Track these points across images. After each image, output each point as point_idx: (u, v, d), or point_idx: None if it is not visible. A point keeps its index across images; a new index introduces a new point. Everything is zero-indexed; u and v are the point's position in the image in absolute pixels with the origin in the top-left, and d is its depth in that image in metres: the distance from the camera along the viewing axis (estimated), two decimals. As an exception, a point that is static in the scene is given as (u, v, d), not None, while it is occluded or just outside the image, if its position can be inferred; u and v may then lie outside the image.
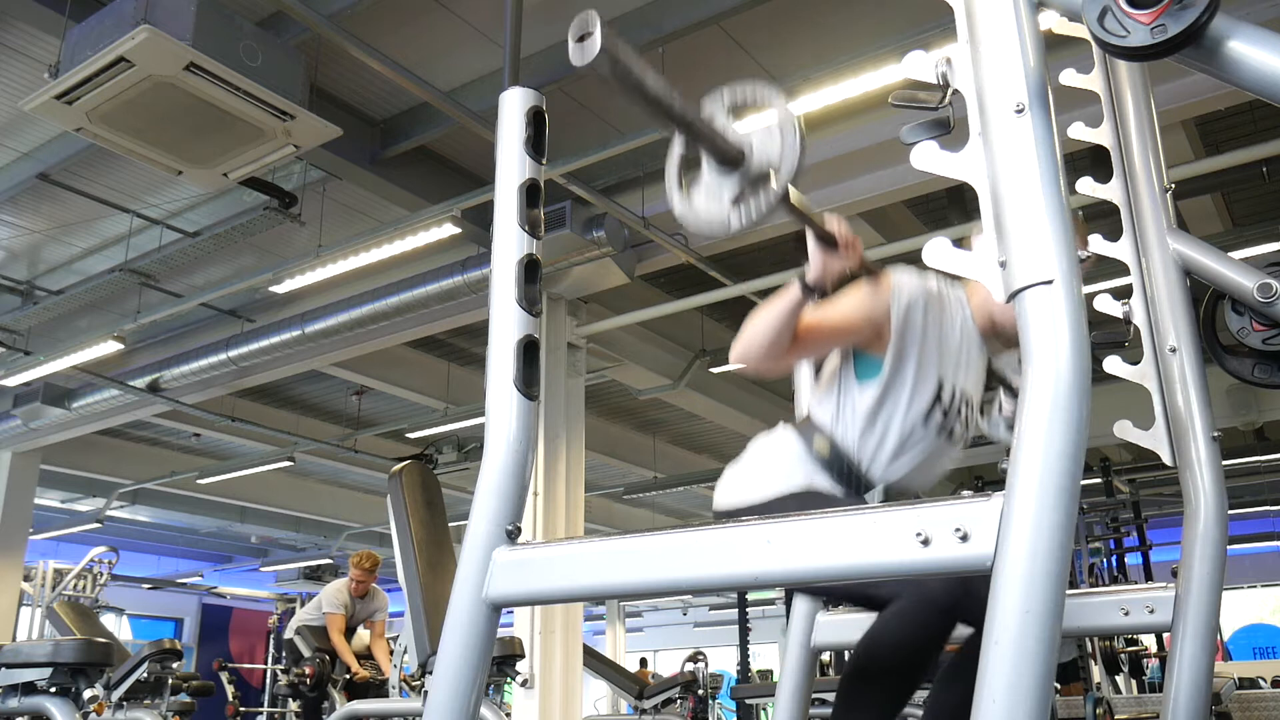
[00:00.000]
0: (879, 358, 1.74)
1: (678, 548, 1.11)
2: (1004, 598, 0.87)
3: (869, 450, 1.74)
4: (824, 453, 1.74)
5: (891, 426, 1.73)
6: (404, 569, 3.14)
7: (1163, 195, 1.88)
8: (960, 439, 1.83)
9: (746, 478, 1.80)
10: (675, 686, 6.33)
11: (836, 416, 1.76)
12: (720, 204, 1.37)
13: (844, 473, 1.73)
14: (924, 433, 1.75)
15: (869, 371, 1.76)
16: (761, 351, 1.70)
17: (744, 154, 1.37)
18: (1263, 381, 1.75)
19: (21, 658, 3.70)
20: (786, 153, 1.34)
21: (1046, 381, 0.91)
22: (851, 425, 1.75)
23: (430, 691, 1.24)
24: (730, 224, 1.36)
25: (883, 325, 1.73)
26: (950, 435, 1.80)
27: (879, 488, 1.74)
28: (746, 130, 1.39)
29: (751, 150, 1.37)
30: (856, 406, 1.75)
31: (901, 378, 1.73)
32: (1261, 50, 0.93)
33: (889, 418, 1.73)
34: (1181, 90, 4.81)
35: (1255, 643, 15.65)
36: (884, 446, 1.73)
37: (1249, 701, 5.21)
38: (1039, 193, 0.97)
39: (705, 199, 1.39)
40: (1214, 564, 1.70)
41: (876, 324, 1.73)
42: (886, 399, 1.73)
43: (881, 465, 1.74)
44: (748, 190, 1.37)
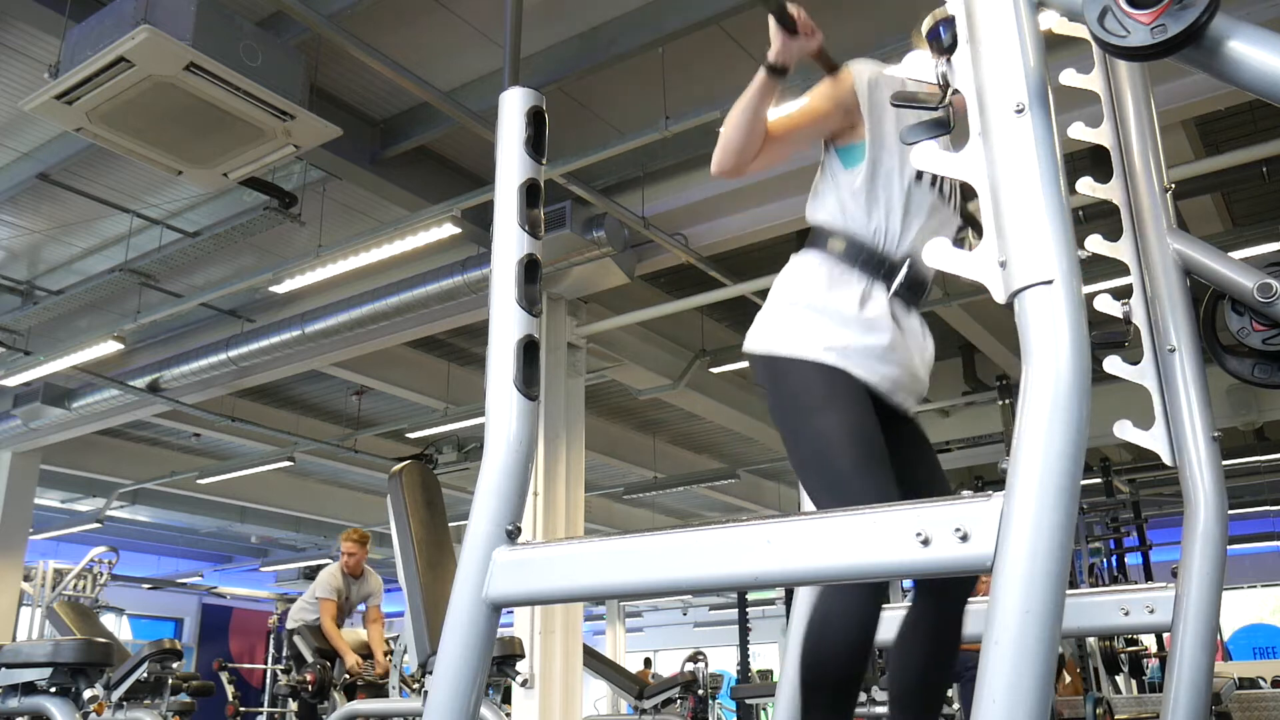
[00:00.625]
0: (858, 143, 1.78)
1: (678, 548, 1.11)
2: (1004, 598, 0.87)
3: (880, 223, 1.76)
4: (840, 248, 1.76)
5: (892, 194, 1.77)
6: (404, 569, 3.14)
7: (1163, 195, 1.88)
8: (951, 197, 1.87)
9: (776, 313, 1.79)
10: (675, 686, 6.32)
11: (838, 208, 1.79)
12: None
13: (866, 259, 1.75)
14: (921, 193, 1.78)
15: (854, 157, 1.79)
16: (739, 146, 1.75)
17: None
18: (1263, 381, 1.75)
19: (21, 658, 3.70)
20: None
21: (1046, 381, 0.91)
22: (854, 207, 1.77)
23: (430, 691, 1.24)
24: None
25: (852, 109, 1.78)
26: (942, 194, 1.83)
27: (903, 270, 1.75)
28: None
29: None
30: (853, 189, 1.78)
31: (884, 148, 1.77)
32: (1261, 50, 0.93)
33: (887, 186, 1.77)
34: (1181, 90, 4.81)
35: (1255, 643, 15.65)
36: (892, 215, 1.76)
37: (1249, 701, 5.21)
38: (1039, 193, 0.98)
39: None
40: (1214, 564, 1.70)
41: (844, 107, 1.78)
42: (877, 171, 1.77)
43: (895, 235, 1.76)
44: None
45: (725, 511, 14.33)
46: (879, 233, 1.76)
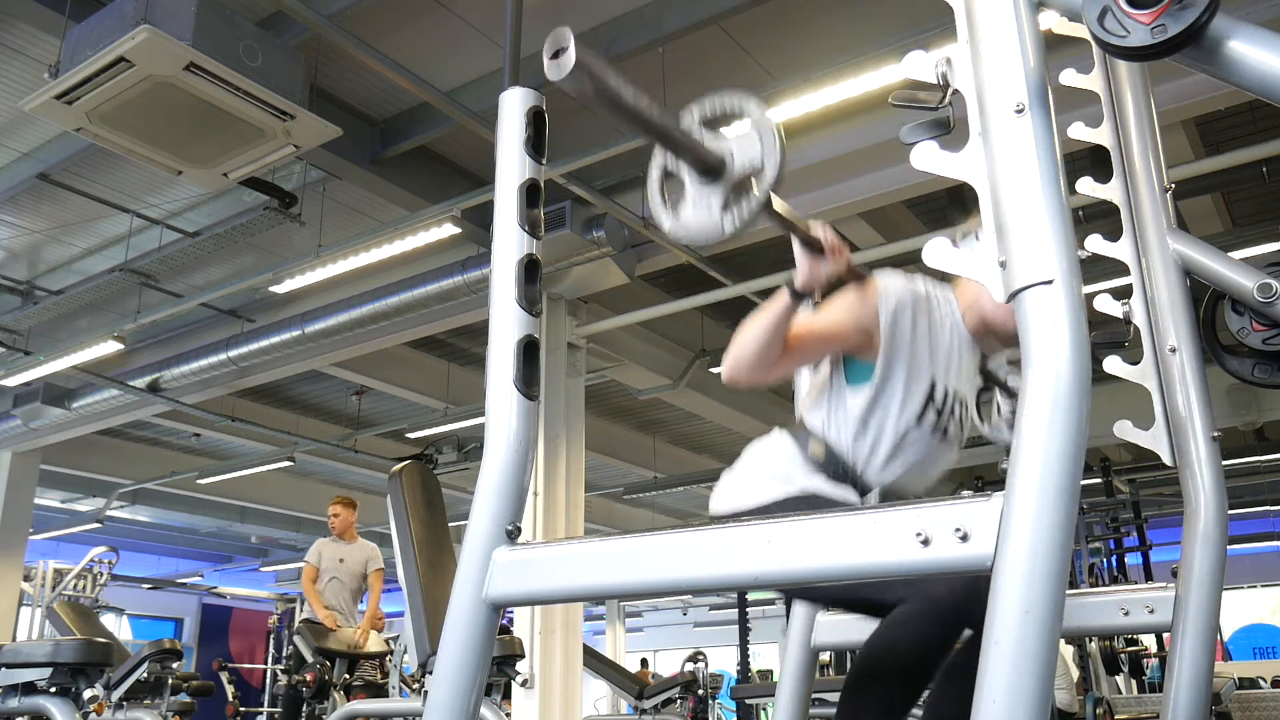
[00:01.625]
0: (869, 362, 1.74)
1: (678, 548, 1.11)
2: (1004, 598, 0.87)
3: (863, 453, 1.73)
4: (819, 456, 1.74)
5: (885, 429, 1.73)
6: (404, 569, 3.13)
7: (1163, 195, 1.88)
8: (955, 440, 1.83)
9: (744, 483, 1.79)
10: (675, 686, 6.32)
11: (829, 421, 1.76)
12: (709, 212, 1.36)
13: (840, 476, 1.73)
14: (918, 434, 1.74)
15: (860, 376, 1.75)
16: (752, 363, 1.70)
17: (725, 162, 1.37)
18: (1263, 381, 1.75)
19: (21, 658, 3.70)
20: (767, 158, 1.33)
21: (1046, 381, 0.91)
22: (845, 429, 1.74)
23: (430, 691, 1.24)
24: (724, 229, 1.35)
25: (871, 330, 1.72)
26: (945, 436, 1.79)
27: (875, 491, 1.74)
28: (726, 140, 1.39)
29: (732, 158, 1.36)
30: (849, 411, 1.74)
31: (892, 380, 1.73)
32: (1261, 50, 0.93)
33: (882, 421, 1.73)
34: (1181, 90, 4.81)
35: (1255, 643, 15.65)
36: (878, 450, 1.73)
37: (1249, 701, 5.21)
38: (1039, 193, 0.98)
39: (693, 210, 1.38)
40: (1214, 564, 1.70)
41: (865, 329, 1.73)
42: (878, 402, 1.73)
43: (876, 468, 1.73)
44: (731, 199, 1.36)
45: (725, 511, 14.31)
46: (861, 461, 1.73)
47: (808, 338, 1.73)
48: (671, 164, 1.42)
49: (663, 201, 1.42)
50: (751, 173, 1.35)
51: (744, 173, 1.36)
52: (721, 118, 1.41)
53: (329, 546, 6.27)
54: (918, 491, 1.80)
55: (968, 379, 1.86)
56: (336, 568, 6.20)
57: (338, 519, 6.35)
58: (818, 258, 1.69)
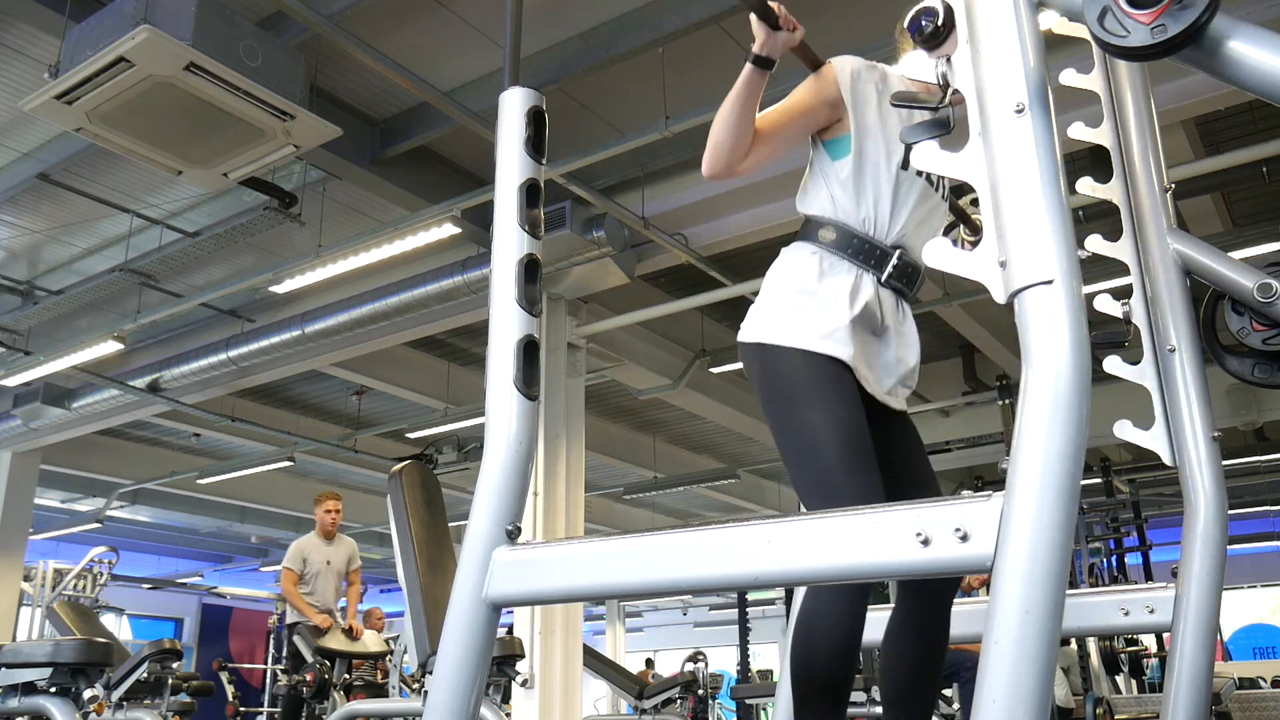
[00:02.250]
0: (845, 135, 1.79)
1: (678, 548, 1.11)
2: (1004, 598, 0.87)
3: (869, 212, 1.77)
4: (830, 238, 1.77)
5: (880, 182, 1.77)
6: (404, 569, 3.13)
7: (1163, 195, 1.88)
8: (939, 185, 1.87)
9: (768, 303, 1.80)
10: (675, 686, 6.32)
11: (829, 199, 1.80)
12: None
13: (857, 247, 1.75)
14: (908, 179, 1.79)
15: (840, 149, 1.80)
16: (729, 146, 1.75)
17: None
18: (1263, 381, 1.75)
19: (21, 658, 3.70)
20: None
21: (1046, 381, 0.91)
22: (843, 197, 1.78)
23: (430, 691, 1.24)
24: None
25: (836, 103, 1.78)
26: (930, 180, 1.84)
27: (894, 256, 1.76)
28: None
29: None
30: (841, 180, 1.78)
31: (871, 137, 1.77)
32: (1261, 50, 0.93)
33: (875, 175, 1.77)
34: (1181, 90, 4.81)
35: (1255, 643, 15.65)
36: (880, 203, 1.77)
37: (1249, 701, 5.21)
38: (1039, 193, 0.98)
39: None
40: (1214, 564, 1.70)
41: (829, 101, 1.78)
42: (864, 160, 1.77)
43: (885, 223, 1.77)
44: None
45: (725, 511, 14.33)
46: (868, 221, 1.76)
47: (775, 116, 1.79)
48: None
49: None
50: None
51: None
52: None
53: (316, 547, 6.18)
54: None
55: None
56: (325, 568, 6.16)
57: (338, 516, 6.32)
58: (774, 28, 1.72)
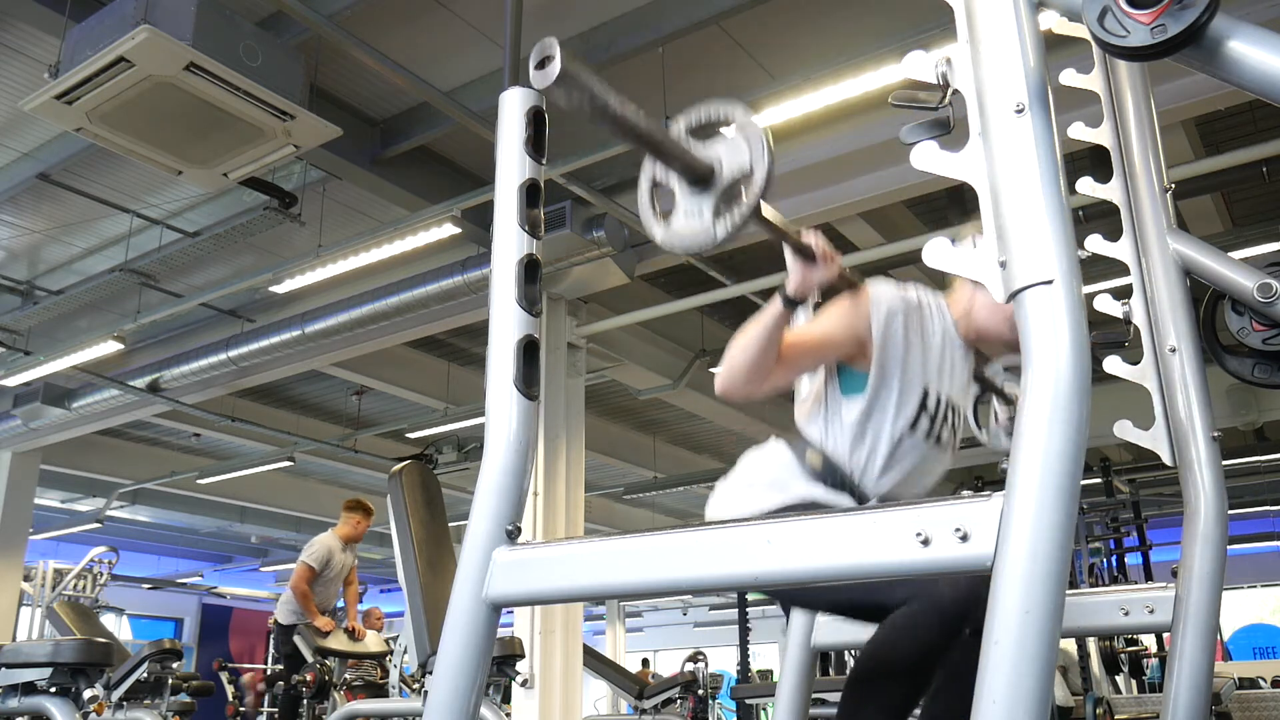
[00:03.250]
0: (862, 371, 1.74)
1: (678, 548, 1.11)
2: (1004, 598, 0.87)
3: (860, 462, 1.73)
4: (816, 465, 1.74)
5: (880, 437, 1.73)
6: (404, 569, 3.13)
7: (1163, 195, 1.88)
8: (949, 446, 1.83)
9: (740, 492, 1.79)
10: (675, 686, 6.32)
11: (825, 431, 1.76)
12: (700, 220, 1.36)
13: (838, 485, 1.73)
14: (912, 442, 1.74)
15: (854, 385, 1.75)
16: (746, 374, 1.68)
17: (714, 169, 1.36)
18: (1263, 381, 1.75)
19: (21, 658, 3.70)
20: (756, 163, 1.32)
21: (1046, 381, 0.91)
22: (840, 439, 1.74)
23: (430, 691, 1.24)
24: (715, 236, 1.34)
25: (864, 338, 1.72)
26: (939, 442, 1.79)
27: (873, 500, 1.74)
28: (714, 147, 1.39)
29: (721, 165, 1.36)
30: (844, 420, 1.74)
31: (886, 388, 1.73)
32: (1261, 50, 0.93)
33: (877, 429, 1.73)
34: (1181, 90, 4.81)
35: (1255, 643, 15.65)
36: (875, 458, 1.73)
37: (1249, 701, 5.21)
38: (1039, 193, 0.98)
39: (684, 219, 1.38)
40: (1214, 564, 1.70)
41: (858, 337, 1.73)
42: (873, 410, 1.73)
43: (873, 477, 1.73)
44: (721, 206, 1.36)
45: (725, 511, 14.30)
46: (858, 469, 1.73)
47: (801, 348, 1.72)
48: (661, 174, 1.42)
49: (653, 211, 1.42)
50: (741, 179, 1.35)
51: (733, 179, 1.36)
52: (709, 125, 1.41)
53: (337, 549, 6.22)
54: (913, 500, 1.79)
55: (961, 386, 1.87)
56: (339, 571, 6.21)
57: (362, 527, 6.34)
58: (809, 264, 1.68)
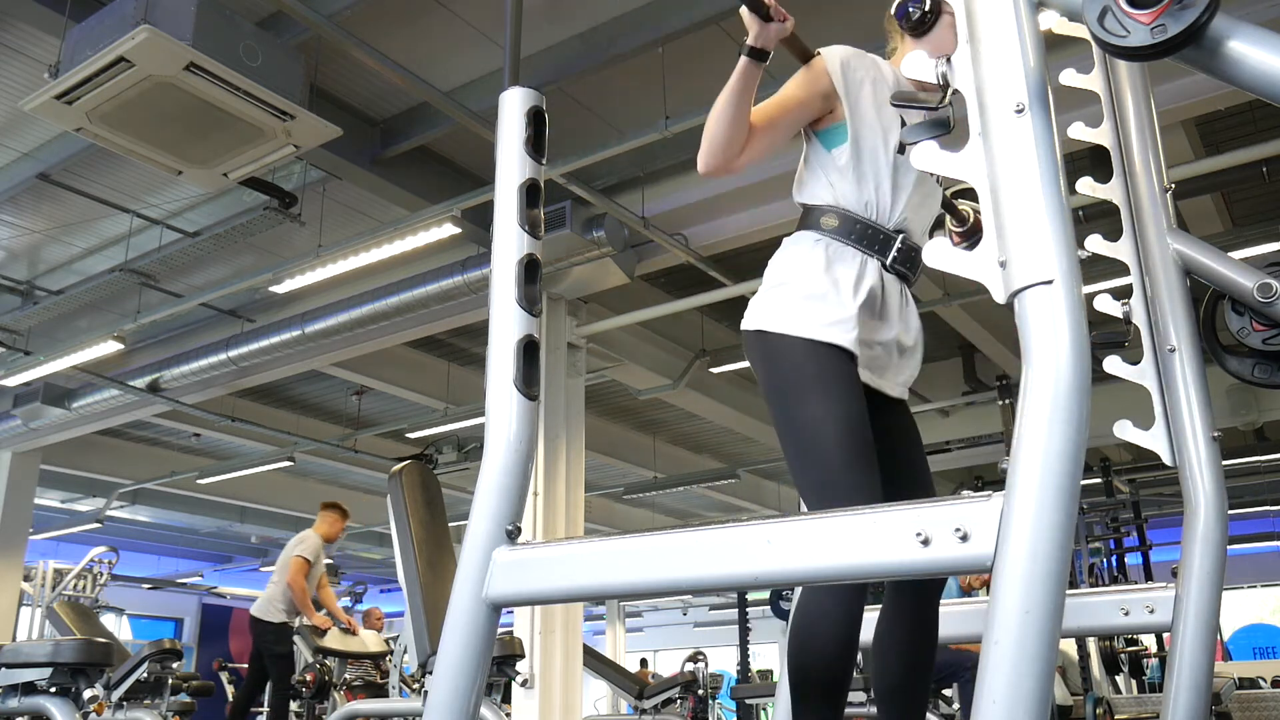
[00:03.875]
0: (839, 123, 1.79)
1: (678, 548, 1.11)
2: (1004, 598, 0.87)
3: (869, 197, 1.77)
4: (833, 225, 1.77)
5: (879, 167, 1.77)
6: (404, 569, 3.13)
7: (1163, 195, 1.88)
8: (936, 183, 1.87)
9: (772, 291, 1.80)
10: (675, 686, 6.32)
11: (828, 186, 1.80)
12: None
13: (860, 232, 1.76)
14: (905, 163, 1.79)
15: (835, 138, 1.80)
16: (725, 142, 1.75)
17: None
18: (1263, 381, 1.75)
19: (21, 658, 3.70)
20: None
21: (1046, 381, 0.91)
22: (842, 184, 1.78)
23: (430, 691, 1.24)
24: None
25: (829, 93, 1.78)
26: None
27: (898, 240, 1.76)
28: None
29: None
30: (839, 168, 1.79)
31: (866, 124, 1.78)
32: (1261, 50, 0.93)
33: (873, 160, 1.78)
34: (1181, 90, 4.81)
35: (1255, 643, 15.65)
36: (881, 188, 1.77)
37: (1249, 701, 5.21)
38: (1039, 193, 0.98)
39: None
40: (1214, 564, 1.70)
41: (822, 91, 1.79)
42: (861, 147, 1.78)
43: (886, 207, 1.77)
44: None
45: (725, 511, 14.32)
46: (870, 206, 1.77)
47: (769, 109, 1.79)
48: None
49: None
50: None
51: None
52: None
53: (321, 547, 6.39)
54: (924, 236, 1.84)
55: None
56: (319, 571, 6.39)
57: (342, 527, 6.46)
58: (766, 20, 1.71)
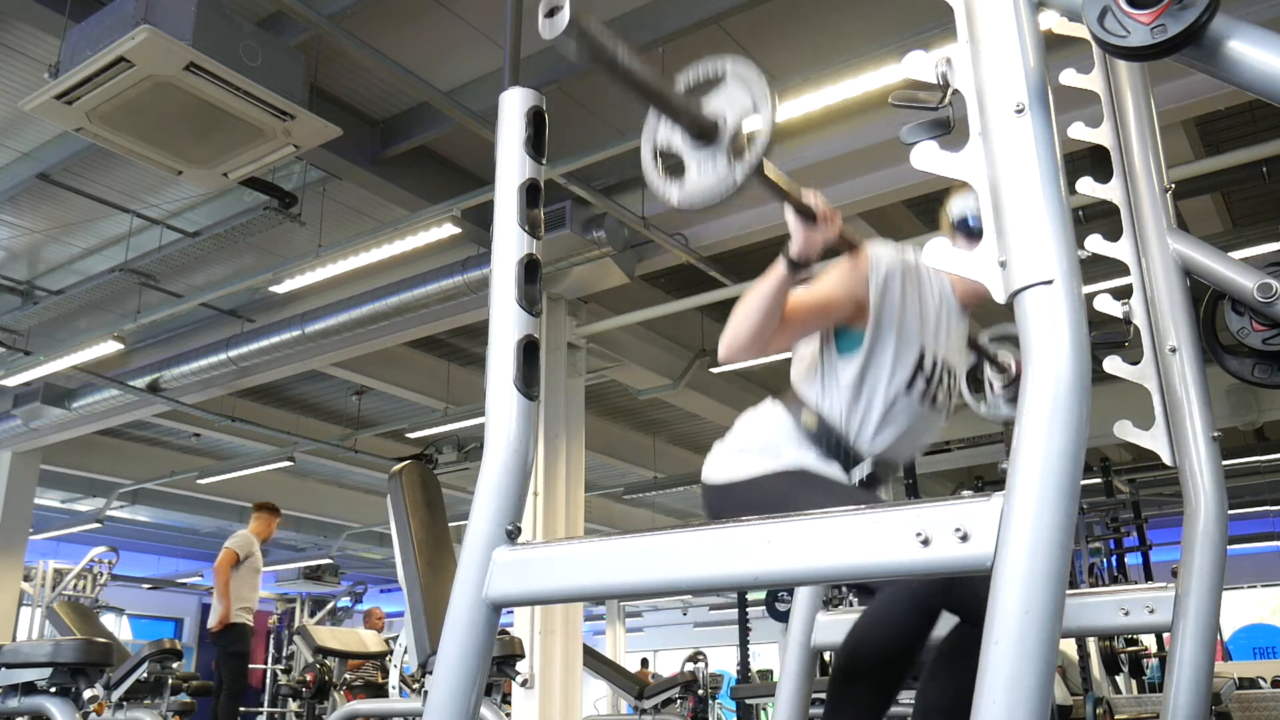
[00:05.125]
0: (860, 331, 1.76)
1: (678, 548, 1.11)
2: (1004, 598, 0.87)
3: (855, 422, 1.75)
4: (811, 426, 1.75)
5: (876, 397, 1.75)
6: (404, 569, 3.13)
7: (1163, 195, 1.88)
8: (943, 407, 1.85)
9: (736, 453, 1.81)
10: (675, 686, 6.32)
11: (822, 391, 1.78)
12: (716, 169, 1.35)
13: (832, 446, 1.74)
14: (907, 402, 1.76)
15: (850, 345, 1.78)
16: (750, 337, 1.70)
17: (718, 125, 1.36)
18: (1263, 381, 1.75)
19: (21, 658, 3.70)
20: (760, 121, 1.32)
21: (1046, 381, 0.91)
22: (836, 399, 1.76)
23: (430, 691, 1.24)
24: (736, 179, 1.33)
25: (862, 299, 1.75)
26: (934, 404, 1.81)
27: (867, 460, 1.75)
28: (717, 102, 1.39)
29: (725, 121, 1.36)
30: (840, 380, 1.76)
31: (883, 349, 1.75)
32: (1261, 50, 0.93)
33: (873, 389, 1.75)
34: (1181, 90, 4.81)
35: (1255, 643, 15.64)
36: (869, 418, 1.75)
37: (1249, 701, 5.21)
38: (1039, 193, 0.98)
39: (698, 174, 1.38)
40: (1214, 564, 1.70)
41: (856, 298, 1.75)
42: (869, 371, 1.75)
43: (868, 437, 1.75)
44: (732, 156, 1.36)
45: (725, 511, 14.30)
46: (853, 430, 1.75)
47: (801, 311, 1.74)
48: (664, 136, 1.41)
49: (660, 176, 1.42)
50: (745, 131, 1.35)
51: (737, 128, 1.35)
52: (709, 82, 1.40)
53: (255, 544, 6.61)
54: (906, 461, 1.83)
55: (956, 348, 1.90)
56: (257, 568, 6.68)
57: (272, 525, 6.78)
58: (810, 224, 1.69)
